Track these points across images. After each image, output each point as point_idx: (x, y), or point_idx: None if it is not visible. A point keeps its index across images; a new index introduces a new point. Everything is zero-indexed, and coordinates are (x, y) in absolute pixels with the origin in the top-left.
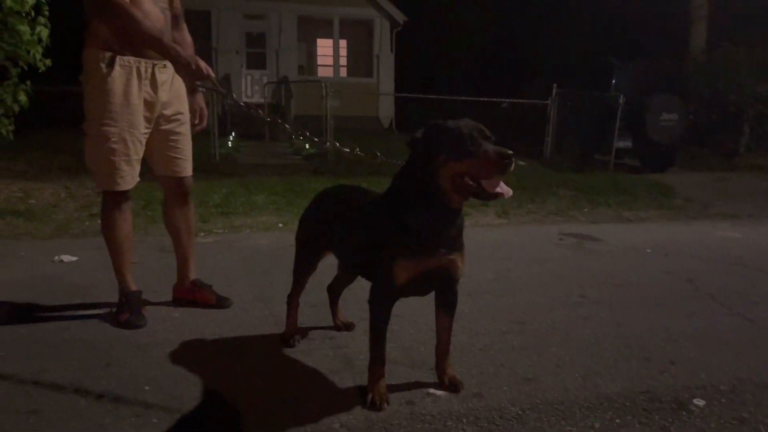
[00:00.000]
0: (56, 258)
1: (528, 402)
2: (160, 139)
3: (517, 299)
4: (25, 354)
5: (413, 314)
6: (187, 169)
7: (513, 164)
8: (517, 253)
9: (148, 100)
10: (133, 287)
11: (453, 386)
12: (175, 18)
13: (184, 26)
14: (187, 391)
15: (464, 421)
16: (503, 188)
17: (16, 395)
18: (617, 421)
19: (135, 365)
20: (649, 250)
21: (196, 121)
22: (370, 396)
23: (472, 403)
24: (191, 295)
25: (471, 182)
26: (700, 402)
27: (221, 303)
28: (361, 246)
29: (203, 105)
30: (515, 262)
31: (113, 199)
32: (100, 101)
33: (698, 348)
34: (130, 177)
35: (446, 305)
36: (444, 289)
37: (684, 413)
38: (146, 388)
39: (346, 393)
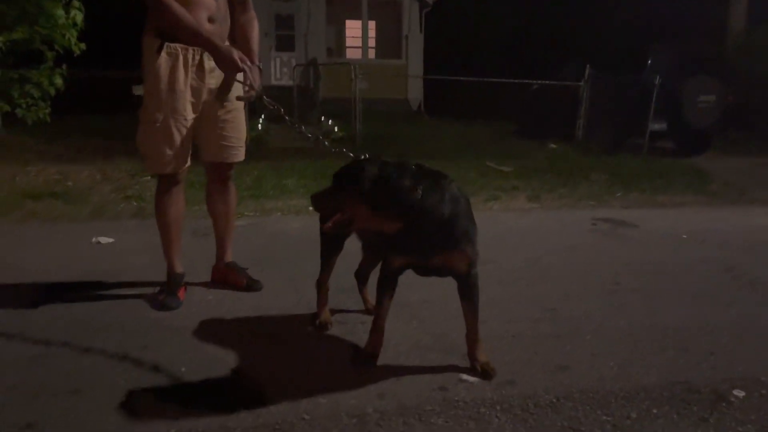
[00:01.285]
0: (93, 240)
1: (562, 390)
2: (208, 126)
3: (549, 286)
4: (65, 335)
5: (444, 300)
6: (234, 155)
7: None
8: (548, 239)
9: (195, 87)
10: (178, 270)
11: (485, 373)
12: (241, 2)
13: (252, 11)
14: (222, 373)
15: (498, 408)
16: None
17: (58, 375)
18: (654, 411)
19: (171, 347)
20: (685, 237)
21: (246, 87)
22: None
23: (506, 391)
24: (223, 277)
25: None
26: (739, 393)
27: (251, 286)
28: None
29: (257, 77)
30: (547, 248)
31: (162, 183)
32: (148, 87)
33: (737, 338)
34: (174, 162)
35: (464, 292)
36: (456, 278)
37: (723, 404)
38: (183, 369)
39: (378, 377)
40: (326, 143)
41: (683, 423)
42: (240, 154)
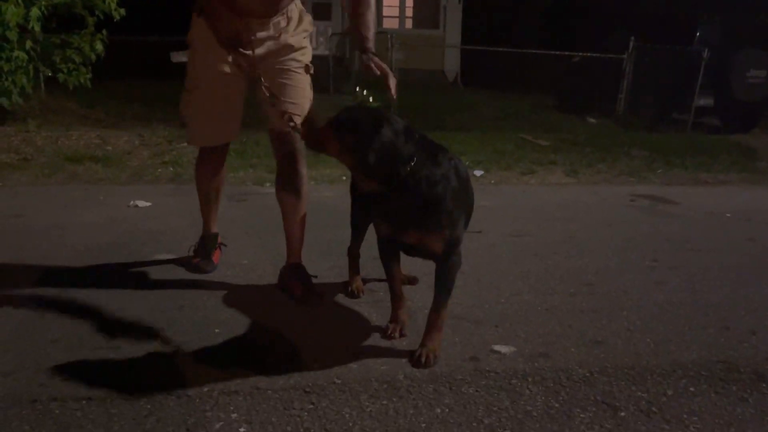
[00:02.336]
0: (132, 203)
1: (597, 365)
2: (266, 90)
3: (585, 261)
4: (105, 293)
5: (477, 272)
6: (291, 123)
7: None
8: (585, 214)
9: (237, 57)
10: (213, 230)
11: (425, 360)
12: None
13: None
14: (254, 335)
15: (529, 380)
16: None
17: (99, 331)
18: (691, 389)
19: (206, 308)
20: (729, 215)
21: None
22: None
23: (539, 363)
24: (281, 280)
25: None
26: None
27: (306, 298)
28: None
29: (376, 60)
30: (584, 223)
31: (203, 153)
32: (190, 55)
33: None
34: (209, 134)
35: (438, 275)
36: (434, 260)
37: (764, 385)
38: (216, 330)
39: (409, 345)
40: None
41: (721, 402)
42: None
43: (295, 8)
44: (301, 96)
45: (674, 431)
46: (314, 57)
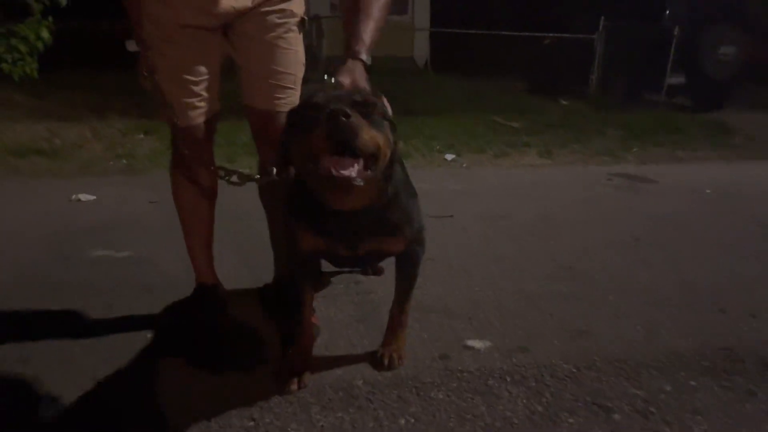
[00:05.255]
0: (74, 197)
1: (583, 358)
2: (249, 54)
3: (563, 242)
4: (23, 297)
5: (447, 257)
6: (285, 100)
7: (340, 127)
8: (561, 194)
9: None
10: (206, 278)
11: (389, 364)
12: None
13: None
14: (191, 340)
15: (508, 380)
16: (344, 171)
17: (9, 342)
18: (692, 383)
19: (139, 308)
20: (708, 191)
21: None
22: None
23: (517, 359)
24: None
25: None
26: None
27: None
28: None
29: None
30: (560, 203)
31: (175, 145)
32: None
33: None
34: (193, 104)
35: (400, 273)
36: (396, 258)
37: None
38: (149, 335)
39: (370, 343)
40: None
41: (727, 397)
42: (292, 99)
43: None
44: (294, 62)
45: None
46: None
